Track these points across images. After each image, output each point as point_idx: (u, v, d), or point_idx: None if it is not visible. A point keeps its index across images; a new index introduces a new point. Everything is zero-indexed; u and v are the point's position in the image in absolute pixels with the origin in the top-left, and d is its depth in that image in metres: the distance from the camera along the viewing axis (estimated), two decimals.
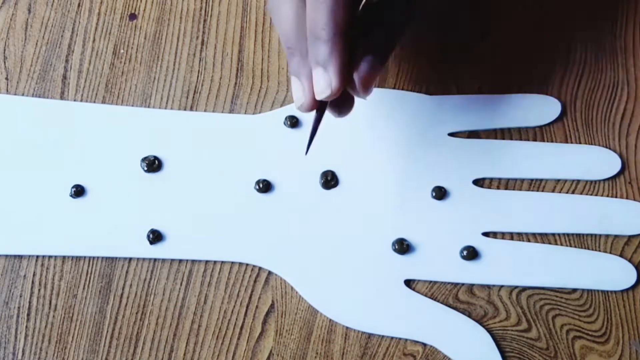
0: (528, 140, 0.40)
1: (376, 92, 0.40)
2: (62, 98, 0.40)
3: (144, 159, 0.39)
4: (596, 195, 0.39)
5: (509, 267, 0.37)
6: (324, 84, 0.31)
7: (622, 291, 0.37)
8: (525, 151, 0.39)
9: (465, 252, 0.37)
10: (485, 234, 0.38)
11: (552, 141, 0.40)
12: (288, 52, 0.32)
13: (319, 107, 0.33)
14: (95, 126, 0.40)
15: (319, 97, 0.32)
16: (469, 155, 0.39)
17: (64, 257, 0.38)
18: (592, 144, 0.39)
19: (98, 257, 0.38)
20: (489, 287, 0.37)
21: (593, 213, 0.38)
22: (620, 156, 0.39)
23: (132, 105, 0.40)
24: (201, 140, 0.39)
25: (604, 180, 0.39)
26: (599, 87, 0.40)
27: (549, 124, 0.40)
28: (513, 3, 0.42)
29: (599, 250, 0.38)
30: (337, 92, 0.31)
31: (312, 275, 0.37)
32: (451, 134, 0.39)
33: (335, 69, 0.31)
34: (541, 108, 0.40)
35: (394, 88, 0.40)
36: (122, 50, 0.41)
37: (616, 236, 0.38)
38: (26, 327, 0.37)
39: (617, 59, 0.41)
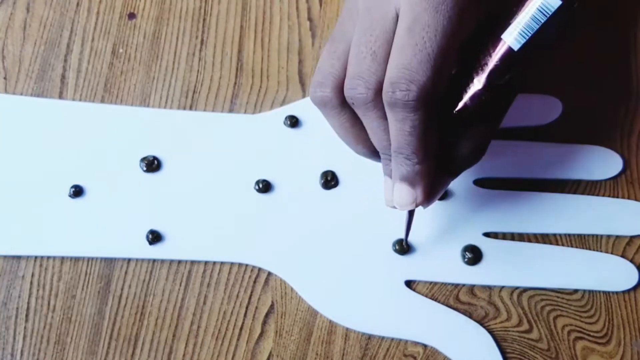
0: (529, 140, 0.39)
1: None
2: (60, 98, 0.40)
3: (143, 159, 0.39)
4: (597, 195, 0.39)
5: (510, 267, 0.37)
6: (410, 199, 0.32)
7: (623, 292, 0.37)
8: (526, 151, 0.39)
9: (466, 253, 0.37)
10: (486, 234, 0.38)
11: (553, 141, 0.39)
12: (383, 157, 0.33)
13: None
14: (94, 126, 0.39)
15: (402, 209, 0.32)
16: None
17: (62, 257, 0.38)
18: (593, 144, 0.39)
19: (97, 258, 0.38)
20: (490, 287, 0.37)
21: (594, 213, 0.38)
22: (622, 156, 0.39)
23: (131, 105, 0.40)
24: (201, 140, 0.39)
25: (606, 180, 0.39)
26: (600, 87, 0.40)
27: (549, 124, 0.40)
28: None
29: (601, 251, 0.38)
30: (420, 205, 0.32)
31: (312, 275, 0.37)
32: None
33: (423, 188, 0.31)
34: (542, 108, 0.40)
35: None
36: (121, 50, 0.41)
37: (618, 237, 0.38)
38: (25, 327, 0.37)
39: (618, 58, 0.41)
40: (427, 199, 0.32)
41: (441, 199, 0.38)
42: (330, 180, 0.38)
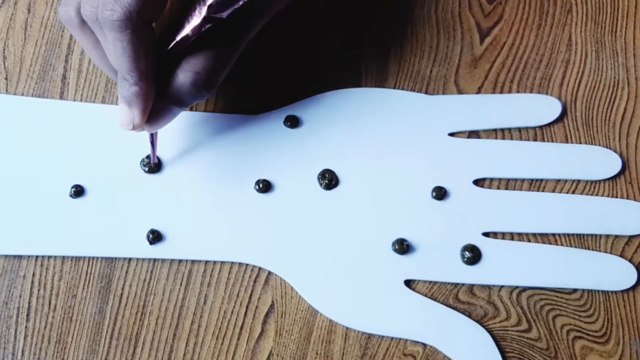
0: (528, 140, 0.40)
1: (376, 92, 0.40)
2: (61, 98, 0.40)
3: (143, 159, 0.39)
4: (596, 195, 0.39)
5: (509, 267, 0.37)
6: (127, 119, 0.34)
7: (622, 291, 0.37)
8: (525, 151, 0.39)
9: (465, 252, 0.37)
10: (485, 234, 0.38)
11: (552, 141, 0.40)
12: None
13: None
14: (95, 126, 0.39)
15: (122, 129, 0.34)
16: (469, 155, 0.39)
17: (63, 257, 0.38)
18: (592, 144, 0.39)
19: (98, 257, 0.38)
20: (489, 287, 0.37)
21: (593, 213, 0.38)
22: (621, 156, 0.39)
23: None
24: (201, 141, 0.39)
25: (605, 180, 0.39)
26: (599, 87, 0.40)
27: (549, 124, 0.40)
28: (513, 3, 0.42)
29: (600, 251, 0.38)
30: (138, 129, 0.34)
31: (312, 275, 0.37)
32: (451, 134, 0.39)
33: (139, 110, 0.33)
34: (541, 108, 0.40)
35: (394, 88, 0.40)
36: None
37: (616, 236, 0.38)
38: (26, 327, 0.37)
39: (617, 59, 0.41)
40: (146, 122, 0.34)
41: (440, 198, 0.38)
42: (330, 180, 0.38)
